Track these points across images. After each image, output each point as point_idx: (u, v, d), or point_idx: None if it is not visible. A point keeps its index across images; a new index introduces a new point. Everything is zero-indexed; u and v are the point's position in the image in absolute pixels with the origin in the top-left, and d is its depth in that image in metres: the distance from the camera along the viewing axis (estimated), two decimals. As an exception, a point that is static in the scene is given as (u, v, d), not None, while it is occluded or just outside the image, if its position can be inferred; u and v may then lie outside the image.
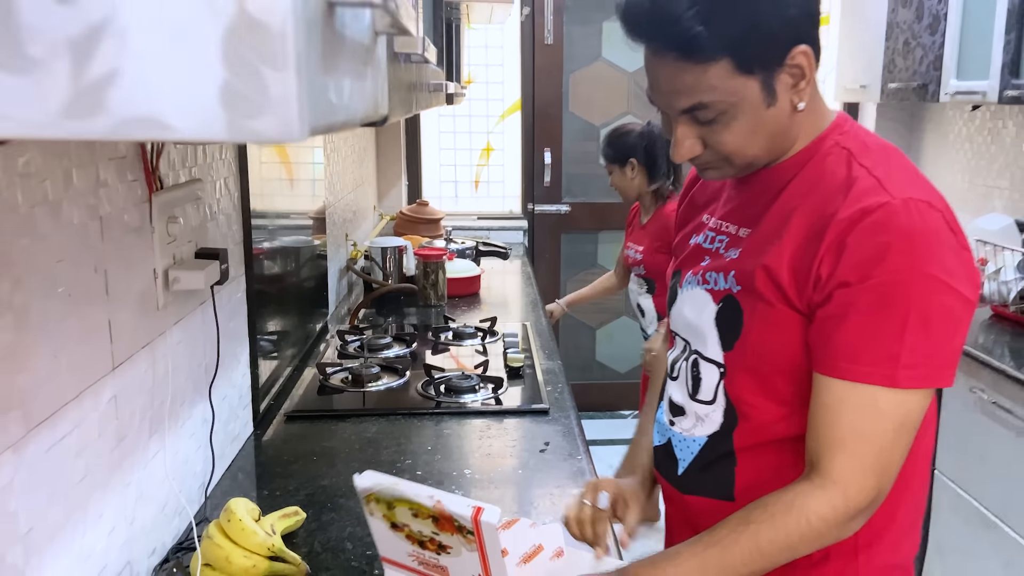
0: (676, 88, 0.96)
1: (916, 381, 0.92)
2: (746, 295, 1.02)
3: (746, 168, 1.04)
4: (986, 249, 2.72)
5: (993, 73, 2.72)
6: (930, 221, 0.92)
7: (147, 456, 1.18)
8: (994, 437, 2.30)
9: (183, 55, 0.31)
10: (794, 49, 0.94)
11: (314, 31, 0.34)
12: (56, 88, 0.31)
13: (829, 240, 0.93)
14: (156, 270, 1.19)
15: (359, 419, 1.79)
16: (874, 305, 0.91)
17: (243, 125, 0.32)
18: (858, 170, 0.97)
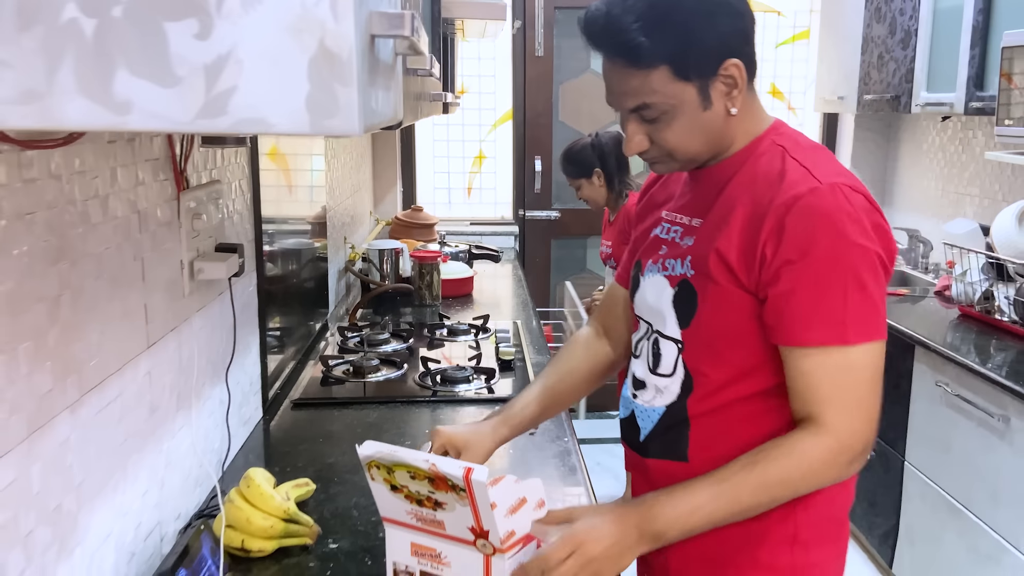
0: (624, 90, 1.11)
1: (863, 336, 1.07)
2: (699, 278, 1.16)
3: (689, 163, 1.18)
4: (953, 252, 2.87)
5: (960, 85, 2.88)
6: (853, 199, 1.08)
7: (175, 428, 1.30)
8: (959, 429, 2.44)
9: (281, 75, 0.44)
10: (726, 62, 1.10)
11: (364, 58, 0.47)
12: (194, 97, 0.44)
13: (770, 224, 1.08)
14: (183, 261, 1.31)
15: (360, 407, 1.92)
16: (817, 278, 1.06)
17: (321, 124, 0.45)
18: (790, 163, 1.12)
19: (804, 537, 1.18)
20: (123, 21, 0.43)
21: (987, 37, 2.77)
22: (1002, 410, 2.24)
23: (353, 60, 0.44)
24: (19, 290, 0.86)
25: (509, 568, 1.07)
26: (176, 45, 0.44)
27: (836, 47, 3.80)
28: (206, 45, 0.44)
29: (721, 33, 1.09)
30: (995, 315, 2.66)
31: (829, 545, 1.23)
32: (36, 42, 0.43)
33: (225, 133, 0.46)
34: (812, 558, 1.20)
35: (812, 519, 1.18)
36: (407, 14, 0.49)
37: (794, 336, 1.08)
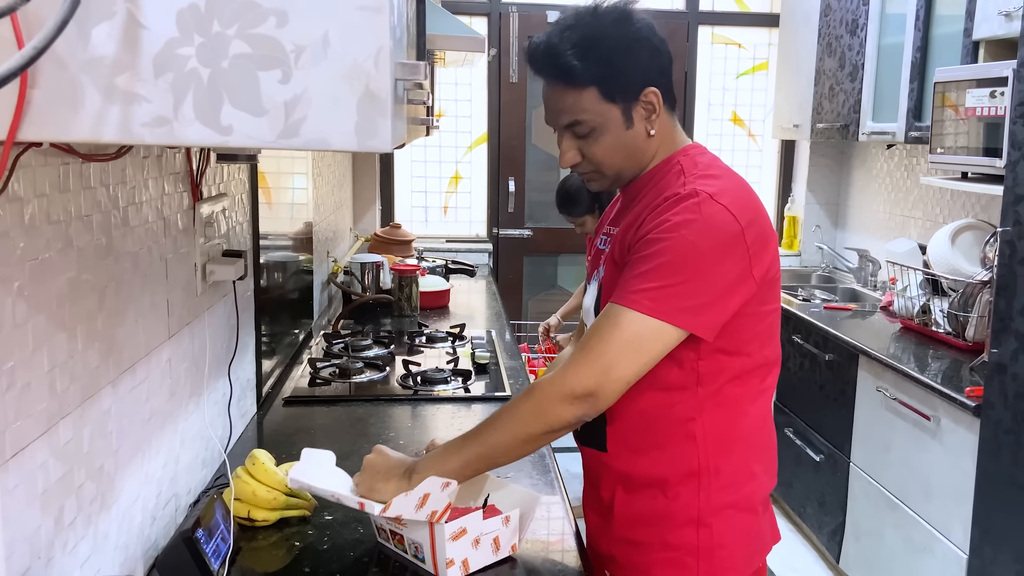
0: (560, 108, 1.30)
1: (655, 312, 1.18)
2: (607, 279, 1.34)
3: (616, 179, 1.36)
4: (895, 269, 3.11)
5: (900, 116, 3.13)
6: (705, 206, 1.21)
7: (188, 412, 1.47)
8: (897, 430, 2.65)
9: (338, 109, 0.62)
10: (646, 89, 1.29)
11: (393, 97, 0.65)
12: (277, 124, 0.62)
13: (642, 220, 1.27)
14: (197, 264, 1.48)
15: (347, 404, 2.08)
16: (639, 258, 1.23)
17: (365, 143, 0.63)
18: (680, 178, 1.30)
19: (708, 520, 1.30)
20: (229, 70, 0.61)
21: (924, 72, 3.03)
22: (933, 411, 2.45)
23: (388, 99, 0.62)
24: (79, 279, 1.03)
25: (448, 531, 1.25)
26: (265, 87, 0.62)
27: (792, 78, 4.06)
28: (286, 88, 0.62)
29: (641, 65, 1.29)
30: (932, 327, 2.88)
31: (737, 533, 1.33)
32: (167, 84, 0.60)
33: (297, 148, 0.63)
34: (717, 540, 1.31)
35: (714, 504, 1.31)
36: (421, 64, 0.67)
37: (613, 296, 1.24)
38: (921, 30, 3.03)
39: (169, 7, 0.60)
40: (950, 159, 2.66)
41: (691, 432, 1.29)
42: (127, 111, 0.60)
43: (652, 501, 1.32)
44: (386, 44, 0.62)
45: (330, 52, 0.61)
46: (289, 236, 2.48)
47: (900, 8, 3.22)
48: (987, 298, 2.63)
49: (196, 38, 0.60)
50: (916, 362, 2.66)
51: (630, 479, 1.34)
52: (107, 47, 0.60)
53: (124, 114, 0.60)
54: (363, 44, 0.61)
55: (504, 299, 4.46)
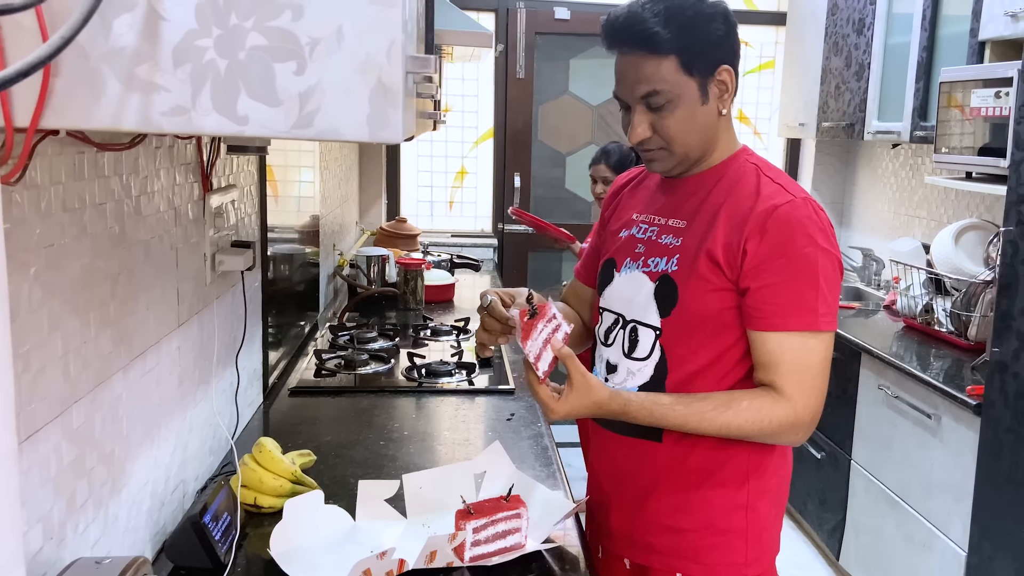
0: (637, 78, 1.31)
1: (830, 324, 1.31)
2: (682, 274, 1.35)
3: (683, 159, 1.37)
4: (898, 268, 3.12)
5: (906, 115, 3.14)
6: (818, 212, 1.32)
7: (196, 399, 1.49)
8: (898, 428, 2.67)
9: (351, 101, 0.64)
10: (720, 67, 1.32)
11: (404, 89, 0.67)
12: (290, 115, 0.64)
13: (752, 226, 1.29)
14: (206, 253, 1.50)
15: (352, 395, 2.10)
16: (793, 273, 1.28)
17: (376, 134, 0.65)
18: (764, 179, 1.35)
19: (755, 504, 1.39)
20: (246, 62, 0.63)
21: (930, 72, 3.03)
22: (935, 410, 2.47)
23: (400, 91, 0.64)
24: (92, 266, 1.05)
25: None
26: (281, 78, 0.63)
27: (797, 77, 4.07)
28: (301, 79, 0.64)
29: (719, 41, 1.32)
30: (934, 326, 2.90)
31: (776, 515, 1.44)
32: (186, 74, 0.62)
33: (310, 139, 0.65)
34: (763, 522, 1.40)
35: (762, 489, 1.39)
36: (432, 58, 0.69)
37: (772, 322, 1.29)
38: (927, 30, 3.04)
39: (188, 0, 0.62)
40: (955, 159, 2.67)
41: None
42: (147, 100, 0.62)
43: (701, 488, 1.37)
44: (398, 38, 0.63)
45: (344, 45, 0.63)
46: (296, 229, 2.50)
47: (907, 8, 3.23)
48: (990, 298, 2.64)
49: (214, 30, 0.62)
50: (918, 361, 2.68)
51: (681, 468, 1.38)
52: (128, 38, 0.62)
53: (144, 103, 0.62)
54: (376, 37, 0.63)
55: (508, 294, 4.48)
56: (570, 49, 4.40)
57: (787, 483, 1.46)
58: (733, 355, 1.35)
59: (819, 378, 1.31)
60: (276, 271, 2.21)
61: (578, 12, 4.33)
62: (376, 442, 1.79)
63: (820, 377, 1.31)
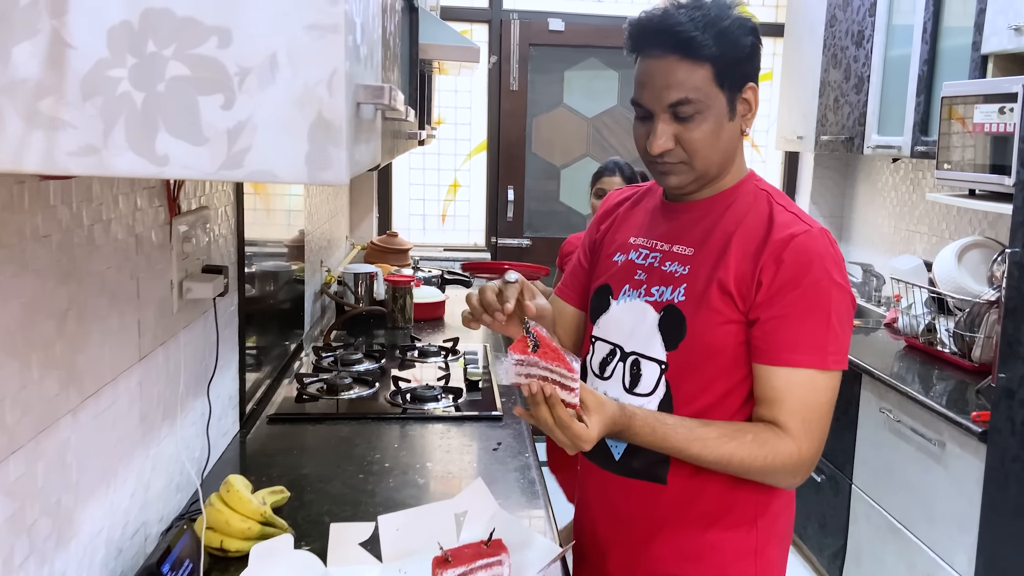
0: (669, 83, 1.23)
1: (839, 363, 1.23)
2: (691, 304, 1.27)
3: (701, 176, 1.29)
4: (899, 286, 3.04)
5: (907, 130, 3.07)
6: (834, 245, 1.26)
7: (160, 435, 1.40)
8: (900, 453, 2.58)
9: (287, 138, 0.56)
10: (748, 84, 1.26)
11: (351, 122, 0.59)
12: (218, 153, 0.56)
13: (767, 255, 1.22)
14: (173, 281, 1.42)
15: (333, 422, 2.02)
16: (806, 307, 1.21)
17: (317, 175, 0.57)
18: (777, 207, 1.29)
19: (764, 548, 1.32)
20: (165, 94, 0.55)
21: (931, 86, 2.96)
22: (938, 435, 2.38)
23: (343, 126, 0.56)
24: (35, 303, 0.97)
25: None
26: (206, 113, 0.56)
27: (796, 89, 4.00)
28: (229, 114, 0.56)
29: (750, 55, 1.26)
30: (937, 346, 2.82)
31: (781, 557, 1.37)
32: (96, 109, 0.54)
33: (241, 180, 0.57)
34: (771, 568, 1.34)
35: (770, 532, 1.32)
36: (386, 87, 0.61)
37: (781, 357, 1.22)
38: (928, 43, 2.97)
39: (99, 25, 0.54)
40: (957, 176, 2.60)
41: None
42: (51, 138, 0.54)
43: (709, 533, 1.30)
44: (340, 67, 0.56)
45: (278, 75, 0.55)
46: (280, 245, 2.42)
47: (907, 20, 3.16)
48: (994, 318, 2.56)
49: (129, 59, 0.54)
50: (920, 382, 2.60)
51: (688, 512, 1.31)
52: (30, 68, 0.54)
53: (48, 141, 0.54)
54: (315, 67, 0.55)
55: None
56: (564, 61, 4.33)
57: (792, 525, 1.39)
58: (742, 392, 1.27)
59: (824, 420, 1.24)
60: (259, 290, 2.13)
61: (573, 24, 4.27)
62: (355, 475, 1.71)
63: (825, 419, 1.24)
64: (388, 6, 1.00)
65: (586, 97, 4.37)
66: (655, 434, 1.22)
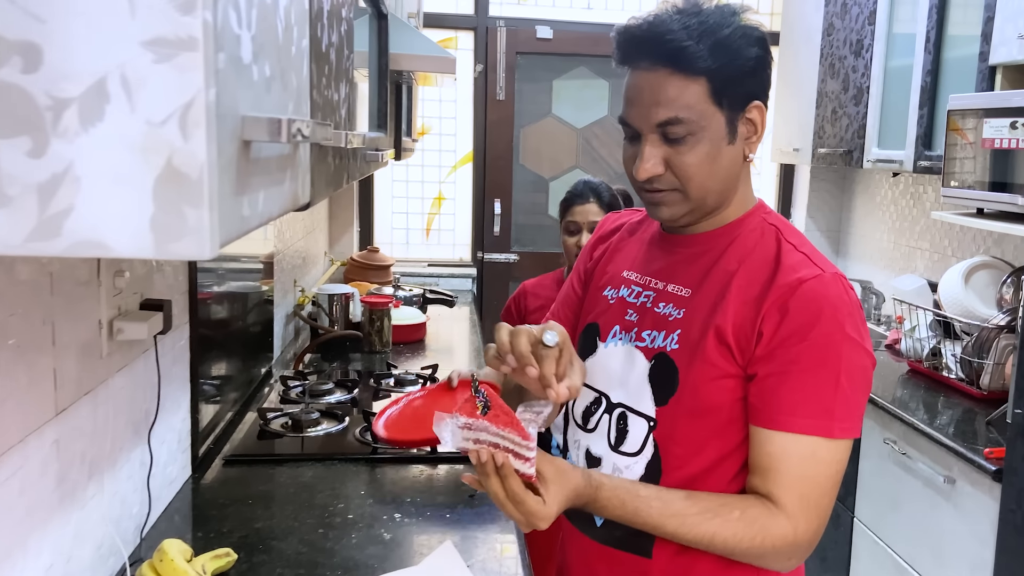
0: (658, 100, 1.07)
1: (846, 432, 1.06)
2: (684, 353, 1.11)
3: (697, 207, 1.12)
4: (902, 308, 2.90)
5: (909, 144, 2.92)
6: (851, 294, 1.08)
7: (86, 497, 1.24)
8: (906, 487, 2.43)
9: (123, 196, 0.41)
10: (752, 102, 1.10)
11: (228, 169, 0.44)
12: (25, 218, 0.41)
13: (771, 302, 1.06)
14: (102, 321, 1.26)
15: (296, 464, 1.86)
16: (811, 364, 1.04)
17: (166, 247, 0.42)
18: (786, 245, 1.12)
19: None
20: (-60, 138, 0.39)
21: (935, 98, 2.82)
22: (947, 471, 2.24)
23: (205, 179, 0.41)
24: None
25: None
26: (6, 163, 0.40)
27: (792, 100, 3.86)
28: (40, 163, 0.40)
29: (755, 69, 1.09)
30: (943, 372, 2.67)
31: None
32: None
33: (59, 256, 0.42)
34: None
35: None
36: (284, 122, 0.46)
37: (779, 420, 1.05)
38: (932, 52, 2.83)
39: None
40: (964, 194, 2.45)
41: None
42: None
43: None
44: (201, 96, 0.41)
45: (108, 110, 0.40)
46: (246, 264, 2.26)
47: (909, 28, 3.02)
48: (1004, 344, 2.42)
49: None
50: (926, 410, 2.45)
51: None
52: None
53: None
54: (162, 97, 0.40)
55: (488, 327, 4.24)
56: (553, 70, 4.18)
57: None
58: (739, 458, 1.11)
59: (826, 497, 1.07)
60: (220, 315, 1.97)
61: (561, 31, 4.12)
62: (315, 529, 1.54)
63: (828, 495, 1.07)
64: (329, 12, 0.85)
65: (575, 107, 4.22)
66: (625, 508, 1.07)
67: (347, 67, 0.96)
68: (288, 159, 0.59)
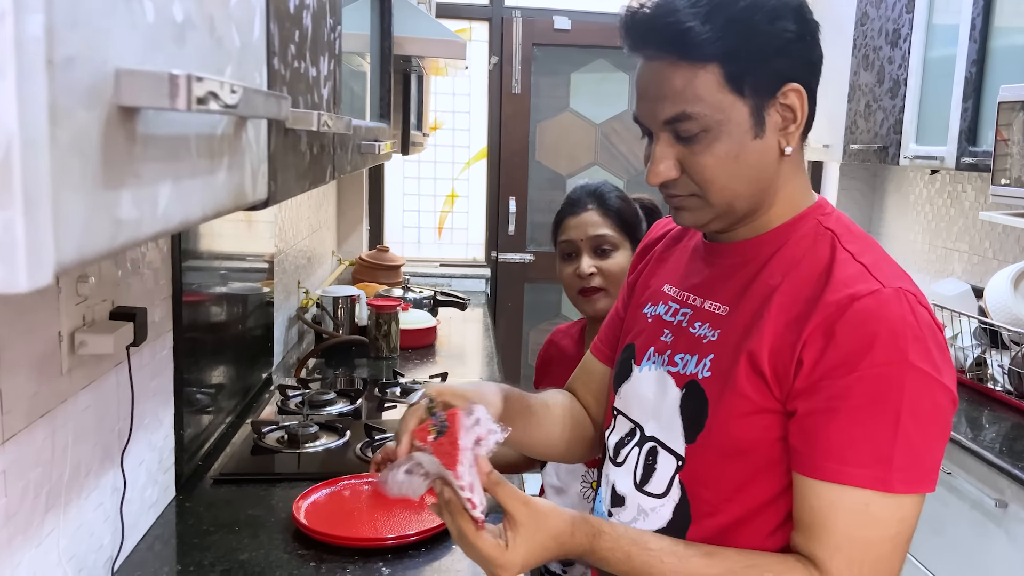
0: (663, 93, 0.92)
1: (910, 485, 0.86)
2: (716, 382, 0.95)
3: (723, 214, 0.96)
4: (944, 314, 2.71)
5: (951, 139, 2.74)
6: (920, 314, 0.88)
7: (41, 534, 1.09)
8: (952, 510, 2.26)
9: None
10: (787, 85, 0.91)
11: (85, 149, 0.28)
12: None
13: (815, 324, 0.88)
14: (61, 333, 1.11)
15: (292, 483, 1.71)
16: (864, 400, 0.86)
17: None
18: (842, 254, 0.93)
19: None
20: None
21: (981, 90, 2.64)
22: (998, 494, 2.06)
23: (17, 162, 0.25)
24: None
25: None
26: None
27: (822, 93, 3.64)
28: None
29: (787, 45, 0.91)
30: (988, 383, 2.49)
31: None
32: None
33: None
34: None
35: None
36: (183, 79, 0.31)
37: (824, 468, 0.87)
38: (977, 41, 2.64)
39: None
40: (1018, 192, 2.27)
41: None
42: None
43: None
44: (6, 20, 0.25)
45: None
46: (240, 266, 2.11)
47: (951, 19, 2.84)
48: (1058, 356, 2.24)
49: None
50: (971, 426, 2.27)
51: None
52: None
53: None
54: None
55: (502, 329, 4.09)
56: (571, 62, 4.02)
57: None
58: (782, 509, 0.93)
59: (883, 563, 0.88)
60: (208, 320, 1.82)
61: (580, 22, 3.95)
62: (305, 564, 1.39)
63: (885, 562, 0.88)
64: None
65: (594, 101, 4.05)
66: (631, 562, 0.91)
67: (331, 39, 0.81)
68: (225, 141, 0.44)
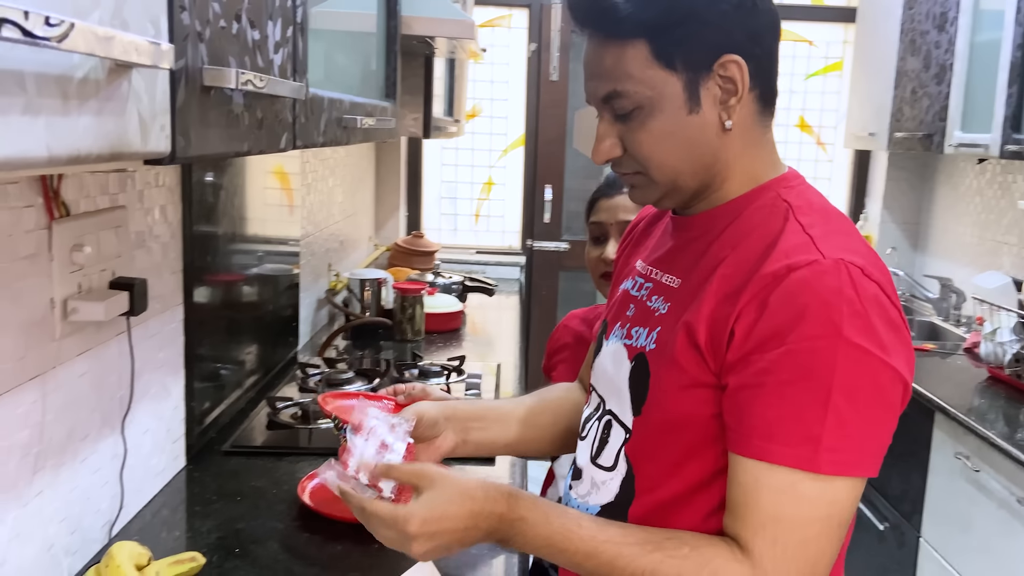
0: (598, 71, 0.92)
1: (840, 467, 0.82)
2: (658, 355, 0.94)
3: (671, 190, 0.95)
4: (983, 308, 2.62)
5: (995, 126, 2.64)
6: (864, 287, 0.83)
7: (28, 494, 1.13)
8: (979, 508, 2.18)
9: None
10: (726, 56, 0.89)
11: None
12: None
13: (750, 295, 0.85)
14: (54, 299, 1.15)
15: (298, 458, 1.73)
16: (792, 375, 0.82)
17: None
18: (792, 225, 0.90)
19: None
20: None
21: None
22: (1028, 493, 1.98)
23: None
24: None
25: None
26: None
27: (868, 80, 3.57)
28: None
29: (725, 15, 0.88)
30: (1027, 380, 2.40)
31: None
32: None
33: None
34: None
35: None
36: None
37: (751, 446, 0.84)
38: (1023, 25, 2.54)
39: None
40: (1059, 180, 2.17)
41: None
42: None
43: None
44: None
45: None
46: (264, 248, 2.15)
47: (998, 3, 2.73)
48: (1100, 351, 2.14)
49: None
50: (1005, 423, 2.19)
51: None
52: None
53: None
54: None
55: (536, 318, 4.08)
56: (610, 49, 3.99)
57: None
58: (720, 489, 0.91)
59: (810, 546, 0.84)
60: (226, 299, 1.86)
61: (620, 8, 3.91)
62: (299, 533, 1.41)
63: (812, 546, 0.84)
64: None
65: (633, 89, 4.01)
66: (550, 524, 0.89)
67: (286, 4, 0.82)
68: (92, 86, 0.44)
